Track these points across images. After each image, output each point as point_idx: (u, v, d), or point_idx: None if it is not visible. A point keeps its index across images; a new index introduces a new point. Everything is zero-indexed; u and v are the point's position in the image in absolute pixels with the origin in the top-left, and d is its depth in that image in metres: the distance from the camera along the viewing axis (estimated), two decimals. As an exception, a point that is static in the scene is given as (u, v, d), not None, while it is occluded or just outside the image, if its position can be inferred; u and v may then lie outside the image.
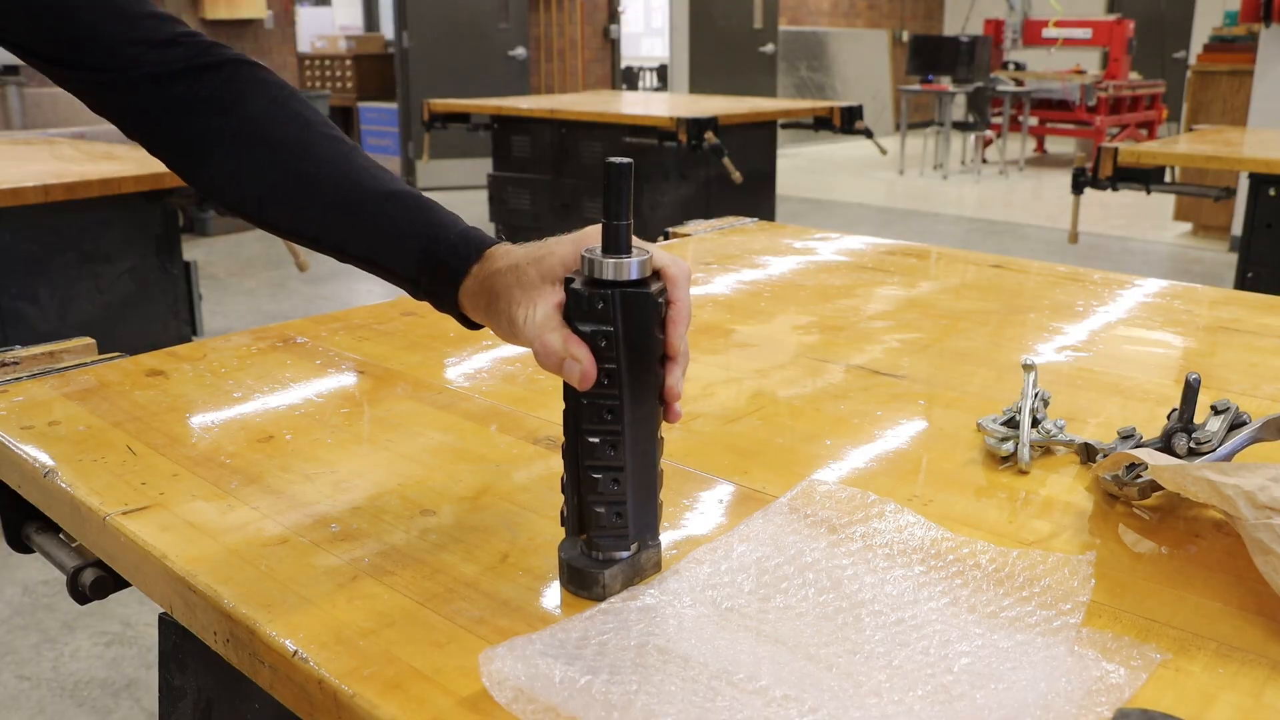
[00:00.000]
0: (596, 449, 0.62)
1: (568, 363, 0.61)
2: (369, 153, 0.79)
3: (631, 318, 0.60)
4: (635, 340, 0.60)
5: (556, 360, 0.61)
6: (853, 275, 1.48)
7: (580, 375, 0.60)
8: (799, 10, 11.40)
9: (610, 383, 0.61)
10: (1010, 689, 0.54)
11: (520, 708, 0.52)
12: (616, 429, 0.61)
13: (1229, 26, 6.72)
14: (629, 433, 0.62)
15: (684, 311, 0.63)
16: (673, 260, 0.63)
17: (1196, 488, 0.66)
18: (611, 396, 0.61)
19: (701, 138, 4.18)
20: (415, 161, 8.06)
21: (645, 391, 0.62)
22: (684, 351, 0.64)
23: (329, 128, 0.77)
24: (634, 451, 0.62)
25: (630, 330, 0.60)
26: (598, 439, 0.62)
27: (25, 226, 2.52)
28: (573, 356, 0.60)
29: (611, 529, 0.63)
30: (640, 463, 0.63)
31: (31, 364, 1.04)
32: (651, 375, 0.62)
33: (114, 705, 2.04)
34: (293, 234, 0.78)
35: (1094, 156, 3.21)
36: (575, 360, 0.60)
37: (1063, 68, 9.96)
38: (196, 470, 0.82)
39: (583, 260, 0.61)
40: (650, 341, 0.61)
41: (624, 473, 0.62)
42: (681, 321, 0.63)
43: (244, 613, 0.62)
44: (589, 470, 0.62)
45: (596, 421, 0.62)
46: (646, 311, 0.60)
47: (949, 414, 0.95)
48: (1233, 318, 1.26)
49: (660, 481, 0.65)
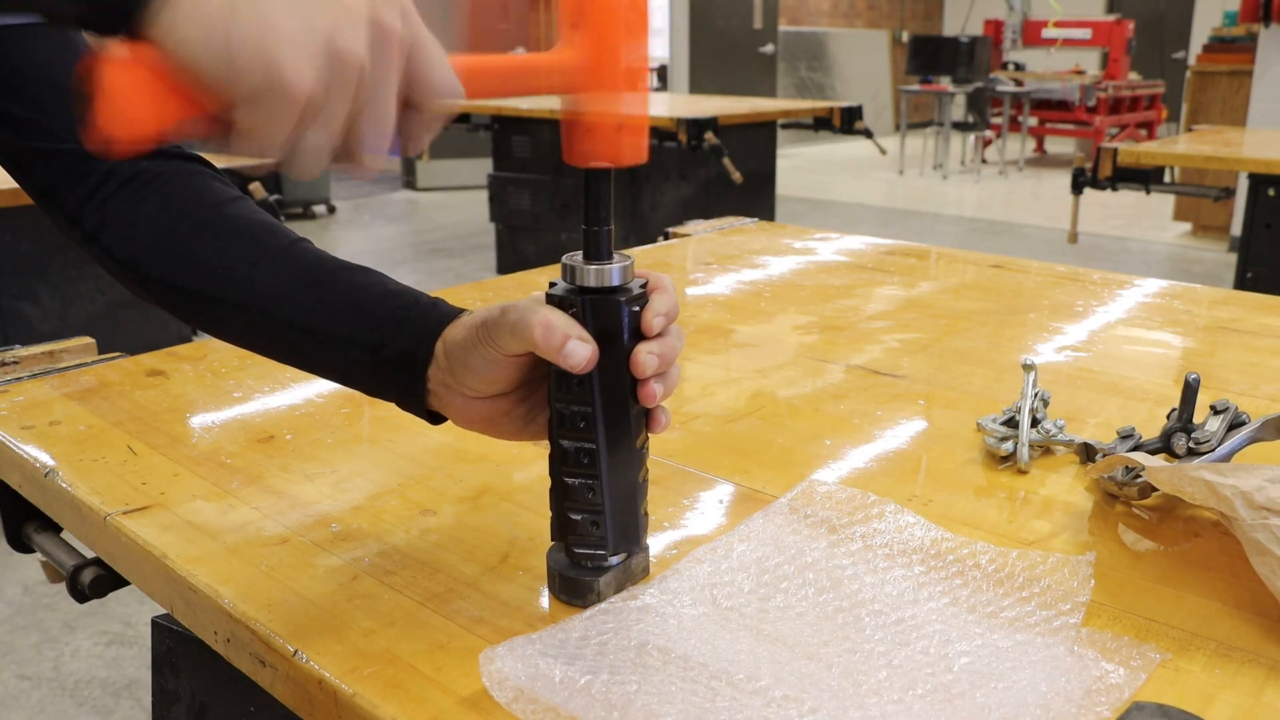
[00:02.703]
0: (570, 456, 0.61)
1: (572, 342, 0.57)
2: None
3: (601, 323, 0.59)
4: (605, 346, 0.59)
5: (561, 338, 0.57)
6: (853, 275, 1.48)
7: (585, 358, 0.58)
8: (799, 10, 11.41)
9: (582, 390, 0.60)
10: (1010, 689, 0.54)
11: (520, 708, 0.52)
12: (591, 437, 0.60)
13: (1228, 27, 6.72)
14: (604, 442, 0.60)
15: (662, 306, 0.59)
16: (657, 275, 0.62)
17: (1193, 489, 0.66)
18: (585, 403, 0.60)
19: (701, 138, 4.18)
20: (415, 162, 8.06)
21: (619, 400, 0.60)
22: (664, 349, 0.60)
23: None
24: (610, 462, 0.61)
25: (600, 337, 0.59)
26: (572, 446, 0.61)
27: (25, 226, 2.52)
28: (578, 337, 0.58)
29: (590, 538, 0.62)
30: (617, 472, 0.61)
31: (31, 364, 1.04)
32: (625, 383, 0.60)
33: (114, 705, 2.04)
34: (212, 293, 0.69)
35: (1093, 157, 3.21)
36: (581, 342, 0.58)
37: (1062, 68, 9.96)
38: (197, 470, 0.82)
39: (564, 267, 0.60)
40: (620, 349, 0.59)
41: (599, 482, 0.61)
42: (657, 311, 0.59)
43: (244, 613, 0.62)
44: (565, 478, 0.62)
45: (571, 429, 0.61)
46: (616, 317, 0.59)
47: (949, 414, 0.95)
48: (1232, 318, 1.26)
49: (643, 492, 0.63)
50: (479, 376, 0.62)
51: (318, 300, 0.67)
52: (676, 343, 0.62)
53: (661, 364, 0.60)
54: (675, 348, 0.61)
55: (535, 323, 0.58)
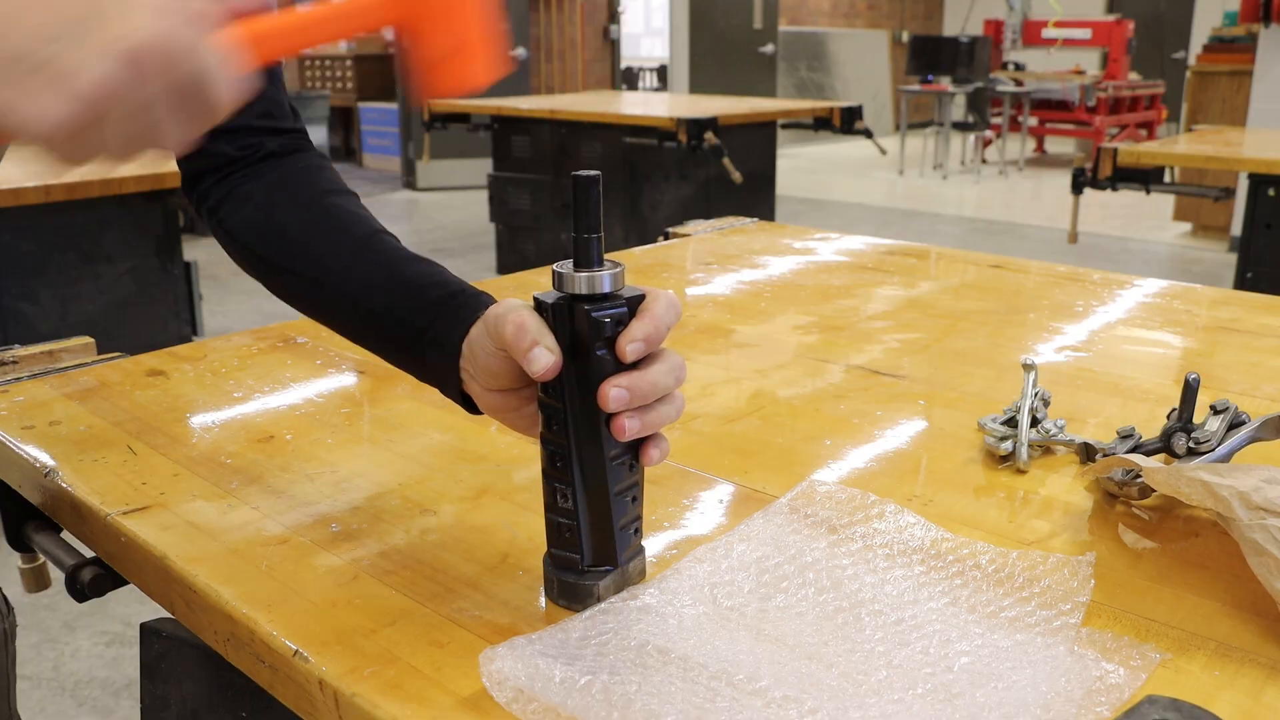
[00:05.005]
0: (546, 455, 0.61)
1: (538, 349, 0.57)
2: (369, 154, 0.79)
3: (569, 332, 0.58)
4: (576, 355, 0.59)
5: (529, 342, 0.58)
6: (853, 275, 1.48)
7: (545, 367, 0.57)
8: (799, 10, 11.41)
9: (552, 396, 0.60)
10: (1010, 688, 0.54)
11: (520, 708, 0.52)
12: (563, 440, 0.60)
13: (1228, 27, 6.72)
14: (575, 446, 0.60)
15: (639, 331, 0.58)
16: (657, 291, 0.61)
17: (1190, 489, 0.66)
18: (558, 403, 0.60)
19: (701, 138, 4.18)
20: (415, 161, 8.06)
21: (589, 410, 0.59)
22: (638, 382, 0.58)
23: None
24: (582, 469, 0.60)
25: (572, 344, 0.58)
26: (548, 448, 0.61)
27: (26, 226, 2.52)
28: (545, 345, 0.58)
29: (564, 543, 0.62)
30: (590, 481, 0.60)
31: (31, 363, 1.04)
32: (593, 399, 0.58)
33: (114, 705, 2.04)
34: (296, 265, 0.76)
35: (1093, 157, 3.22)
36: (547, 350, 0.57)
37: (1062, 68, 9.96)
38: (197, 470, 0.82)
39: (554, 275, 0.59)
40: (591, 360, 0.58)
41: (572, 488, 0.61)
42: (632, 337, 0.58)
43: (244, 613, 0.62)
44: (544, 478, 0.62)
45: (547, 428, 0.61)
46: (584, 327, 0.58)
47: (949, 414, 0.95)
48: (1232, 318, 1.26)
49: (622, 508, 0.62)
50: (484, 369, 0.64)
51: (381, 284, 0.72)
52: (662, 379, 0.59)
53: (635, 397, 0.58)
54: (656, 383, 0.59)
55: (510, 321, 0.59)
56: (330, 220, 0.76)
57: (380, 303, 0.71)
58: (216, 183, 0.80)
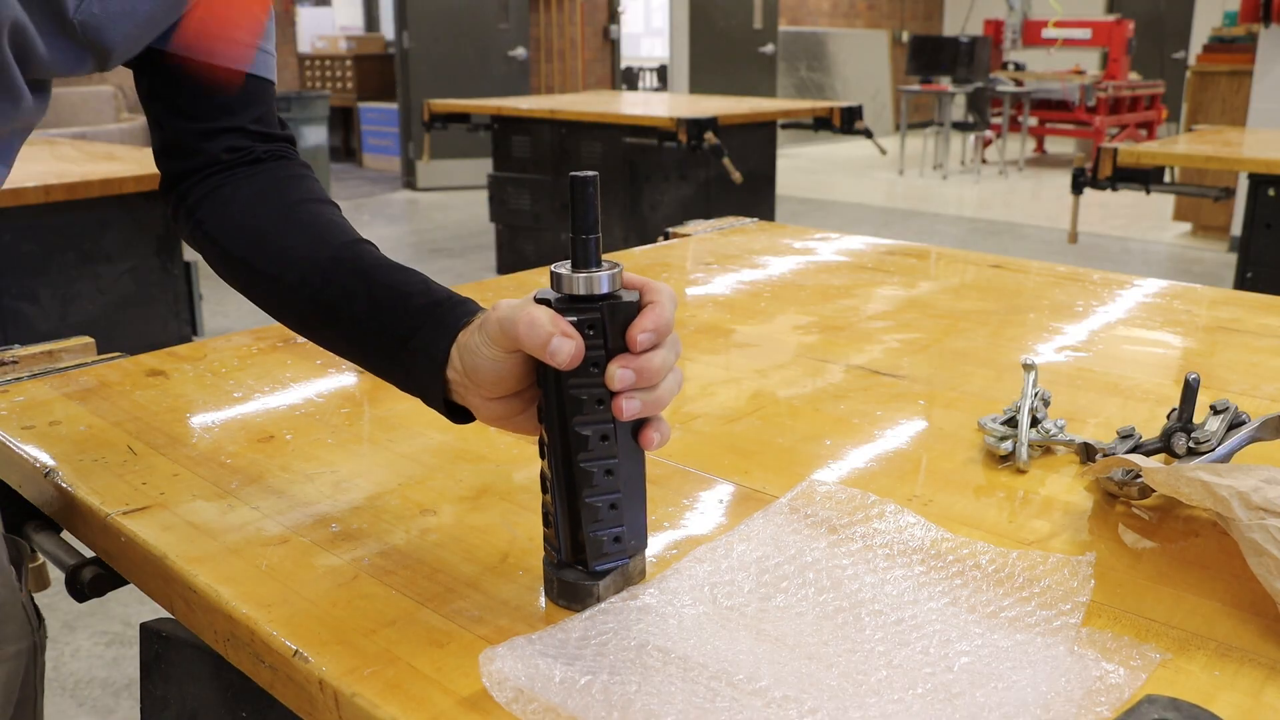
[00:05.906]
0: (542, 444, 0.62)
1: (557, 338, 0.58)
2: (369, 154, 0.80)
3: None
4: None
5: (545, 334, 0.58)
6: (853, 275, 1.48)
7: (569, 355, 0.58)
8: (799, 10, 11.41)
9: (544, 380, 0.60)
10: (1010, 688, 0.54)
11: (520, 708, 0.52)
12: (550, 433, 0.61)
13: (1228, 27, 6.72)
14: (557, 447, 0.60)
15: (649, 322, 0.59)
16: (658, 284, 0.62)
17: (1190, 490, 0.66)
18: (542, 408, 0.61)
19: (701, 138, 4.18)
20: (415, 161, 8.06)
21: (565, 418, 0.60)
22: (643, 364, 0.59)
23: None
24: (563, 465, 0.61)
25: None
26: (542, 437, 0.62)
27: (26, 226, 2.52)
28: (563, 333, 0.58)
29: (549, 534, 0.63)
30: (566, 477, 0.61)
31: (31, 363, 1.04)
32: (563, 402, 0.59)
33: (114, 705, 2.04)
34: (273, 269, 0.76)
35: (1093, 157, 3.22)
36: (566, 338, 0.58)
37: (1062, 68, 9.96)
38: (197, 470, 0.82)
39: (553, 276, 0.60)
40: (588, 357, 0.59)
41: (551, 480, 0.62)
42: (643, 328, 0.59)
43: (244, 613, 0.62)
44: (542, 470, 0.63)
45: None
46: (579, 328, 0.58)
47: (949, 414, 0.95)
48: (1232, 318, 1.26)
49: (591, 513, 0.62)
50: (485, 377, 0.63)
51: (363, 291, 0.71)
52: (665, 361, 0.60)
53: (642, 378, 0.59)
54: (660, 366, 0.60)
55: (520, 319, 0.59)
56: (311, 227, 0.76)
57: (362, 309, 0.70)
58: (198, 183, 0.80)
